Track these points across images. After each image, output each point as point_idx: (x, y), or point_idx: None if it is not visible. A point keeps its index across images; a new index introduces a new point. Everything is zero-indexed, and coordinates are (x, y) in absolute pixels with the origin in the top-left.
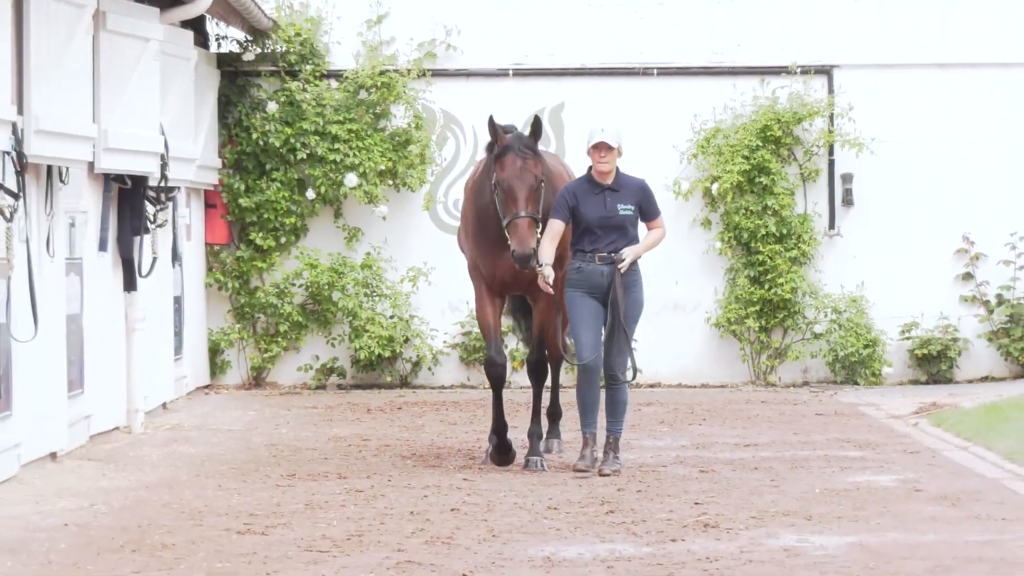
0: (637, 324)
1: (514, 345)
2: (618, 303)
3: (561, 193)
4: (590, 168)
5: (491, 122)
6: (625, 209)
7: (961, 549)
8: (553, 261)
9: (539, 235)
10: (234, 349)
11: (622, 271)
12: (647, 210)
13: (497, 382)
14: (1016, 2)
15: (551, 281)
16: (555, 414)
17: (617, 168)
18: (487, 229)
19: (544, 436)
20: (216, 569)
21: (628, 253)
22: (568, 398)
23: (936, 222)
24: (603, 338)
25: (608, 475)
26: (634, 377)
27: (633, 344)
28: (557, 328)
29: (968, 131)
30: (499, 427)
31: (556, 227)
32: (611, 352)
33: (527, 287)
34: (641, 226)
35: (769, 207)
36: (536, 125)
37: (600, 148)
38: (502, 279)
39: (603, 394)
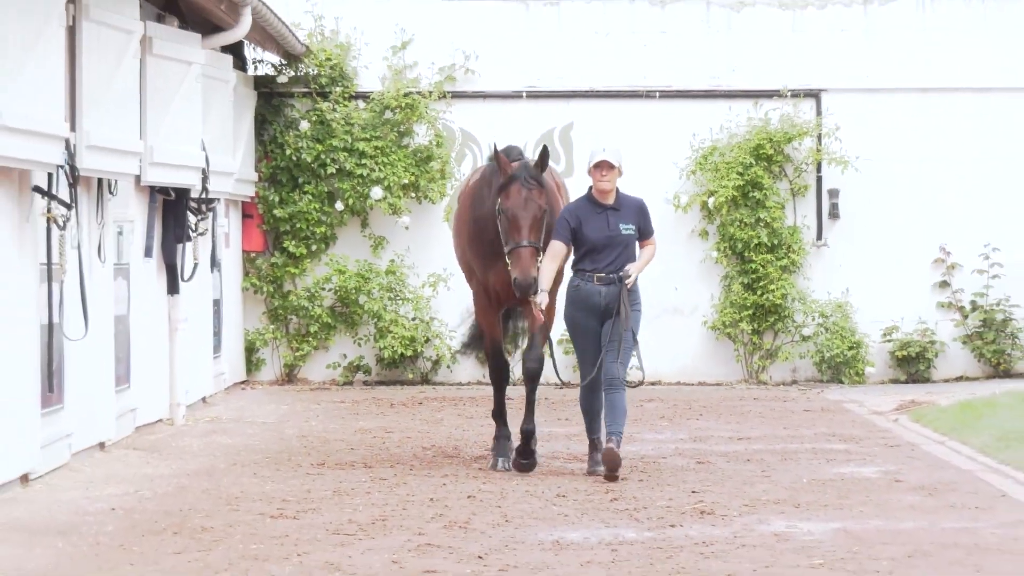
0: (637, 333)
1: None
2: (623, 317)
3: (562, 215)
4: (590, 188)
5: (495, 151)
6: (627, 228)
7: (938, 535)
8: (550, 287)
9: (539, 263)
10: (268, 348)
11: (628, 286)
12: (644, 230)
13: (502, 386)
14: (992, 32)
15: (543, 308)
16: (529, 433)
17: (617, 188)
18: (483, 238)
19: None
20: (251, 550)
21: (633, 270)
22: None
23: (915, 234)
24: (604, 350)
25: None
26: (642, 381)
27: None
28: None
29: (946, 151)
30: (503, 432)
31: (557, 248)
32: (610, 360)
33: (519, 298)
34: None
35: (761, 219)
36: (543, 156)
37: (602, 167)
38: (495, 287)
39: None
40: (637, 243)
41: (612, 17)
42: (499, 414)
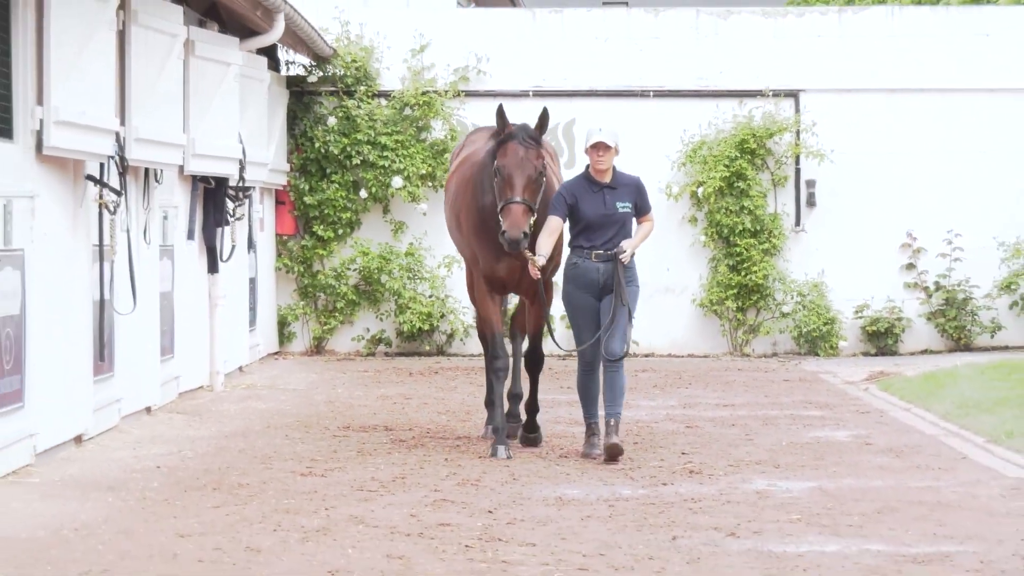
0: (635, 310)
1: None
2: (621, 291)
3: (559, 191)
4: (588, 167)
5: (500, 110)
6: (623, 207)
7: (904, 493)
8: (548, 254)
9: (532, 224)
10: (299, 322)
11: (625, 262)
12: (641, 206)
13: (500, 378)
14: (953, 38)
15: (540, 266)
16: (533, 408)
17: (614, 167)
18: (488, 228)
19: (525, 424)
20: (283, 505)
21: (627, 246)
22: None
23: (884, 221)
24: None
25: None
26: (625, 354)
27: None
28: (545, 323)
29: (912, 145)
30: (500, 423)
31: (554, 224)
32: (608, 337)
33: (525, 288)
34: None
35: (745, 207)
36: (543, 117)
37: (598, 147)
38: (501, 278)
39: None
40: (635, 220)
41: (611, 24)
42: (492, 403)
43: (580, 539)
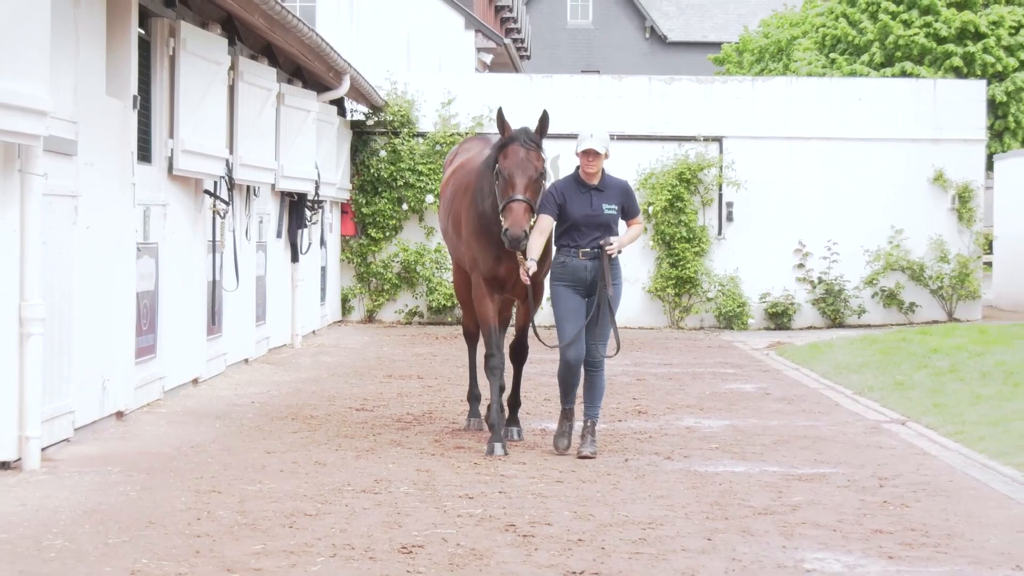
0: (618, 308)
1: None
2: (606, 288)
3: (549, 191)
4: (578, 168)
5: (499, 114)
6: (610, 209)
7: (794, 430)
8: (539, 257)
9: (532, 223)
10: (356, 299)
11: (611, 256)
12: (629, 209)
13: (496, 376)
14: (835, 101)
15: (531, 273)
16: (515, 403)
17: (603, 169)
18: (488, 232)
19: (508, 419)
20: (343, 431)
21: (615, 241)
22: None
23: (782, 232)
24: (585, 325)
25: (587, 457)
26: (617, 352)
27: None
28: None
29: (803, 178)
30: (496, 419)
31: (544, 223)
32: (593, 337)
33: (521, 291)
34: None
35: (682, 221)
36: (543, 120)
37: (588, 153)
38: (500, 279)
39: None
40: (624, 222)
41: (586, 86)
42: (477, 397)
43: (558, 459)
